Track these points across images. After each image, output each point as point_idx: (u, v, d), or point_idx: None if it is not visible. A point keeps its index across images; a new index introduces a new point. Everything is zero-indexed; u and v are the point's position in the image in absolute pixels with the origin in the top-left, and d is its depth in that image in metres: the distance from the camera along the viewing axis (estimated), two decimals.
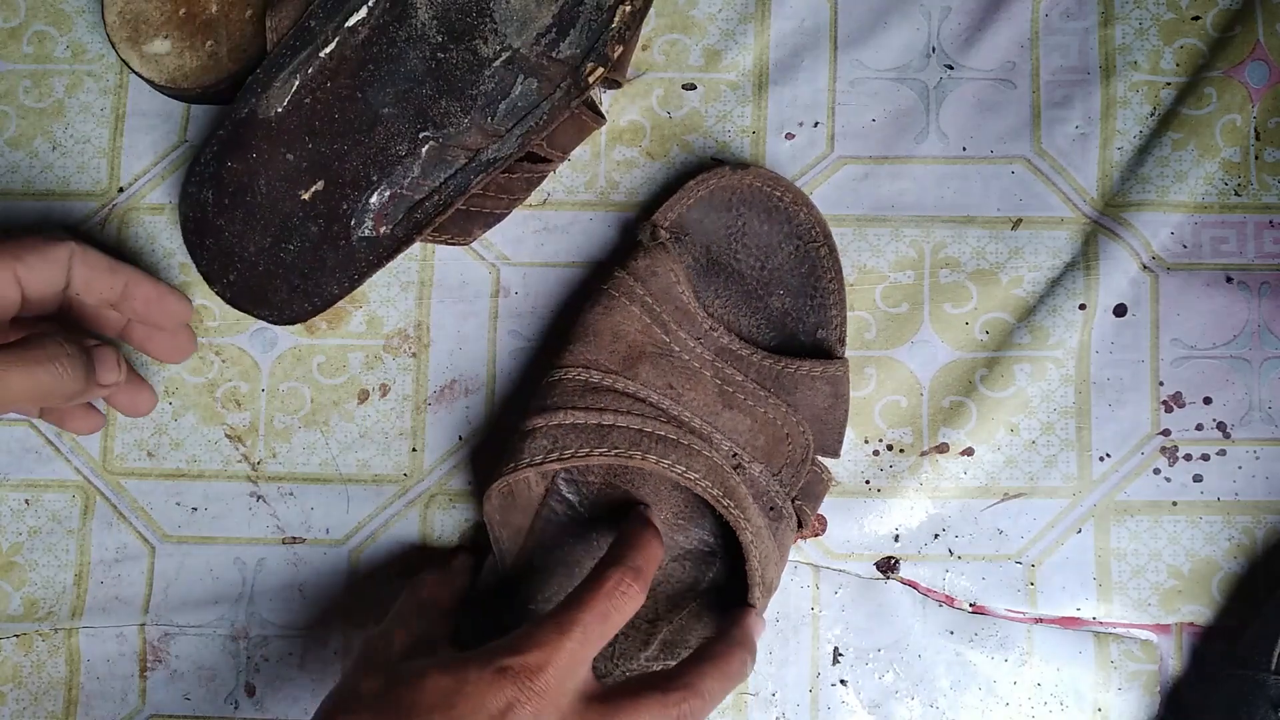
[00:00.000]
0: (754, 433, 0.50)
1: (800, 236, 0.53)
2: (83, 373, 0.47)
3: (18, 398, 0.46)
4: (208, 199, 0.53)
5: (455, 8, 0.50)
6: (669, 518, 0.52)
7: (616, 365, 0.50)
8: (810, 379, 0.51)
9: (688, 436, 0.49)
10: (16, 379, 0.46)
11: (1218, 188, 0.55)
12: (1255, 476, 0.54)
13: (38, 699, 0.55)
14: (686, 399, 0.50)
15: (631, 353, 0.50)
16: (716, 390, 0.50)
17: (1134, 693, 0.53)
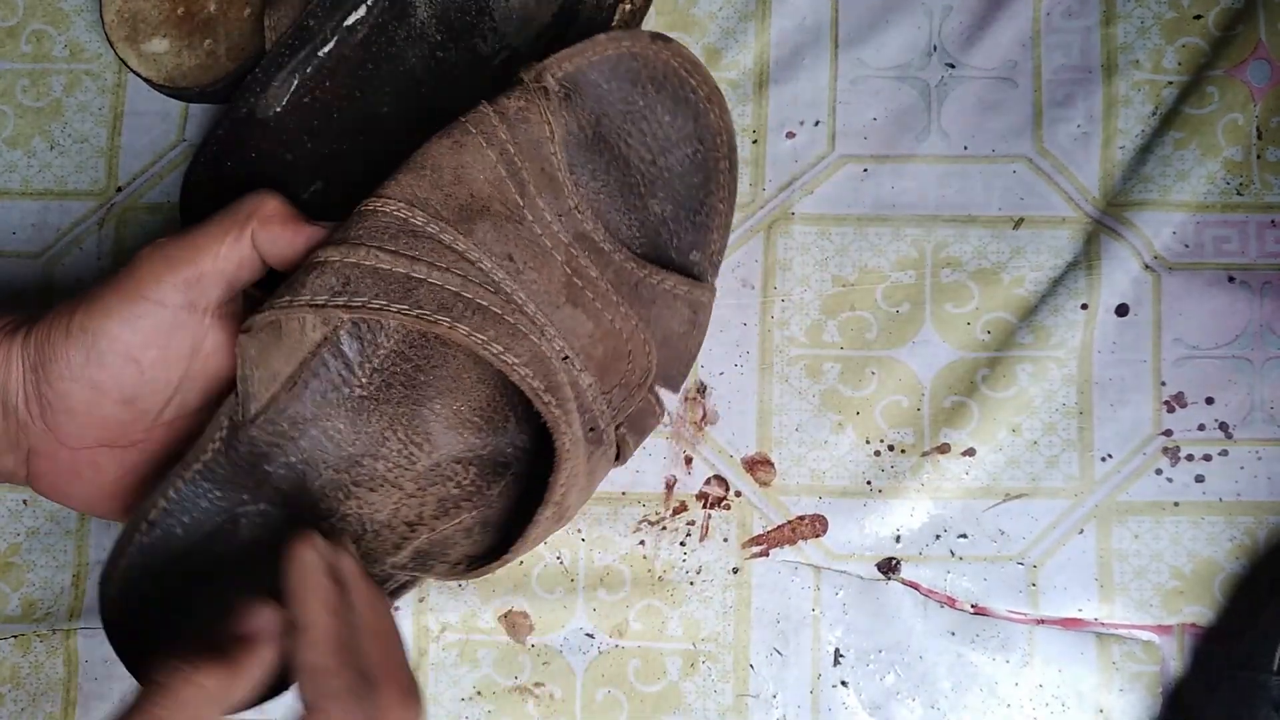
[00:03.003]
0: (594, 340, 0.43)
1: (703, 140, 0.46)
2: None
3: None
4: (207, 199, 0.53)
5: (454, 7, 0.50)
6: (465, 411, 0.45)
7: (450, 214, 0.41)
8: (672, 297, 0.45)
9: (515, 315, 0.41)
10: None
11: (1220, 187, 0.55)
12: (1257, 477, 0.54)
13: (36, 700, 0.55)
14: (526, 278, 0.42)
15: (473, 204, 0.42)
16: (564, 280, 0.42)
17: (1136, 694, 0.53)
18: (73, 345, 0.43)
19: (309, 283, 0.40)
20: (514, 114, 0.42)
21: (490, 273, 0.41)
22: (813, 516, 0.54)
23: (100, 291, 0.44)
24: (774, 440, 0.55)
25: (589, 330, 0.43)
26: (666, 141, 0.46)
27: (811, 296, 0.55)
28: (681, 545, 0.54)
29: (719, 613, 0.54)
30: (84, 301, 0.44)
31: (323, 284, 0.40)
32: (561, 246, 0.43)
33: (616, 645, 0.54)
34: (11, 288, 0.57)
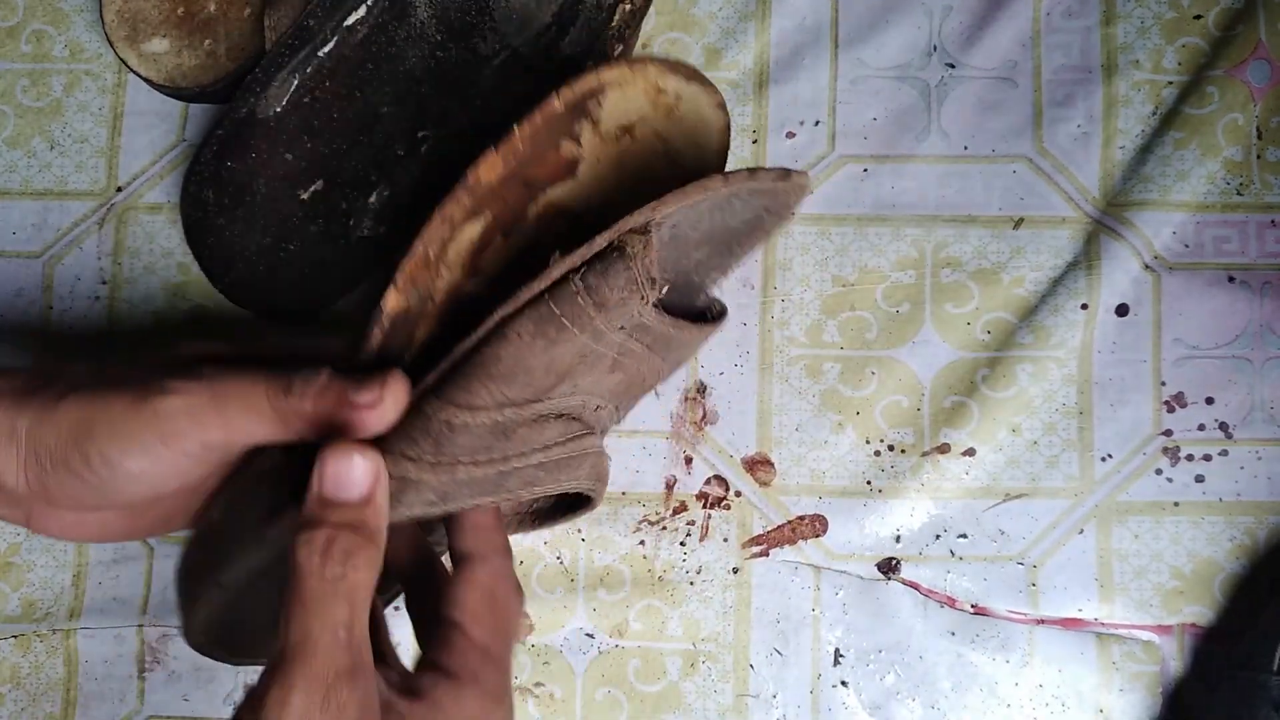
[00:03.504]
0: (621, 384, 0.45)
1: (770, 210, 0.46)
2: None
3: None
4: (208, 199, 0.53)
5: (454, 6, 0.50)
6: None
7: (533, 394, 0.42)
8: (692, 342, 0.47)
9: (572, 434, 0.43)
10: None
11: (1220, 187, 0.55)
12: (1257, 477, 0.54)
13: (36, 700, 0.55)
14: (583, 385, 0.43)
15: (556, 379, 0.42)
16: (610, 363, 0.44)
17: (1136, 694, 0.53)
18: (86, 468, 0.40)
19: (405, 500, 0.41)
20: (614, 303, 0.41)
21: (559, 409, 0.43)
22: (813, 516, 0.54)
23: (124, 420, 0.39)
24: (774, 440, 0.55)
25: (618, 380, 0.45)
26: (735, 216, 0.45)
27: (811, 296, 0.55)
28: (681, 545, 0.54)
29: (719, 613, 0.54)
30: (102, 422, 0.39)
31: (420, 499, 0.41)
32: (615, 345, 0.43)
33: (616, 645, 0.54)
34: (12, 287, 0.57)
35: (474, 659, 0.40)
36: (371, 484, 0.38)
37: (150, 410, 0.39)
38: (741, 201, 0.44)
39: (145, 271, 0.57)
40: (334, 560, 0.36)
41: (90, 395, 0.40)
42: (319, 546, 0.36)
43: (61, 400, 0.40)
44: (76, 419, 0.39)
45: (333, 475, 0.38)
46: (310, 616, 0.36)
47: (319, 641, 0.35)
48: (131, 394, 0.39)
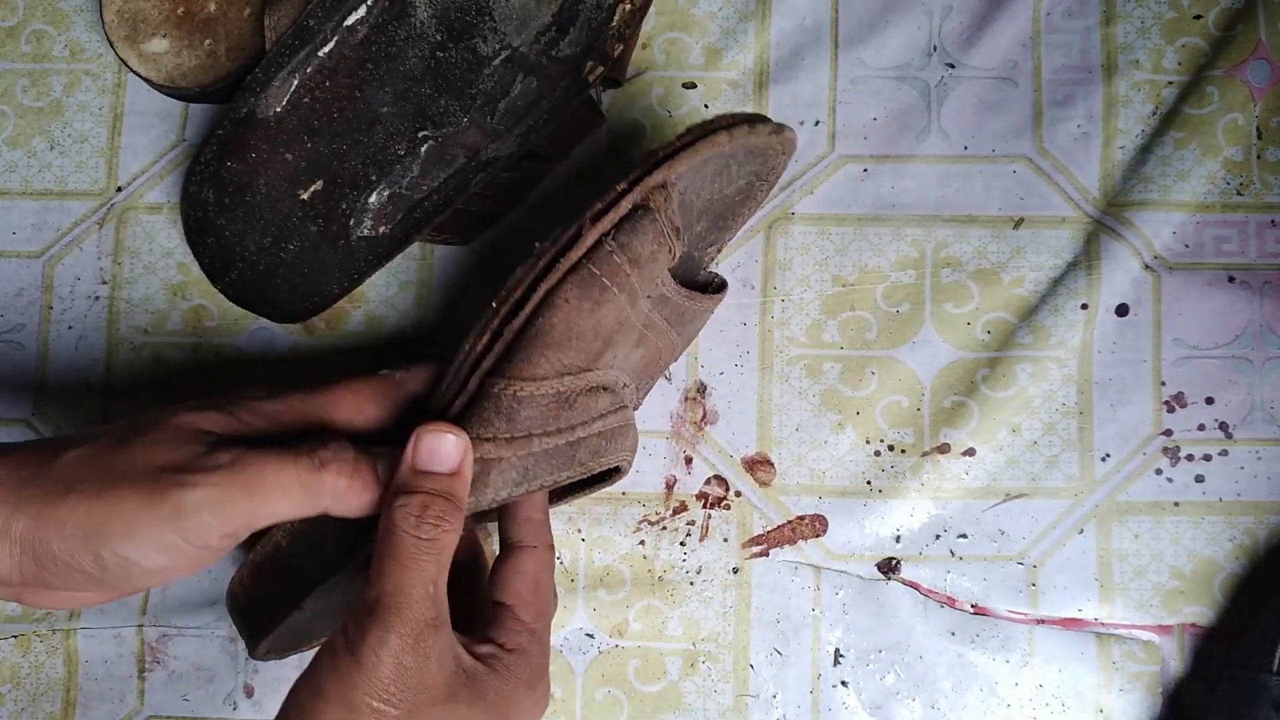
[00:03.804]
0: (642, 362, 0.49)
1: (759, 175, 0.49)
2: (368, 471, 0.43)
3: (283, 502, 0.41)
4: (208, 198, 0.53)
5: (454, 6, 0.50)
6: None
7: (588, 360, 0.45)
8: (702, 313, 0.51)
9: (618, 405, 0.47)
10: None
11: (1220, 187, 0.55)
12: (1257, 477, 0.53)
13: (36, 700, 0.55)
14: (619, 358, 0.47)
15: (604, 342, 0.46)
16: (637, 336, 0.47)
17: (1136, 694, 0.53)
18: (98, 568, 0.39)
19: (492, 481, 0.44)
20: (645, 257, 0.45)
21: (605, 381, 0.46)
22: (813, 516, 0.54)
23: (140, 519, 0.39)
24: (774, 440, 0.55)
25: (642, 356, 0.48)
26: (731, 183, 0.48)
27: (811, 296, 0.55)
28: (681, 545, 0.54)
29: (719, 613, 0.54)
30: (116, 523, 0.39)
31: (505, 480, 0.44)
32: (644, 315, 0.47)
33: (616, 645, 0.54)
34: (12, 287, 0.57)
35: (524, 638, 0.44)
36: (461, 457, 0.42)
37: (170, 507, 0.39)
38: (738, 165, 0.47)
39: (145, 271, 0.57)
40: (427, 523, 0.40)
41: (98, 492, 0.39)
42: (414, 509, 0.40)
43: (65, 498, 0.39)
44: (85, 521, 0.39)
45: (426, 449, 0.42)
46: (405, 571, 0.40)
47: (412, 593, 0.39)
48: (145, 490, 0.39)
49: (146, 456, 0.40)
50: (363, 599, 0.40)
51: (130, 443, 0.41)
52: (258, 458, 0.40)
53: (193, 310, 0.56)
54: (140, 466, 0.40)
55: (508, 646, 0.44)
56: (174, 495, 0.39)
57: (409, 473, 0.42)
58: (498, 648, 0.44)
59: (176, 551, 0.40)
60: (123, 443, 0.41)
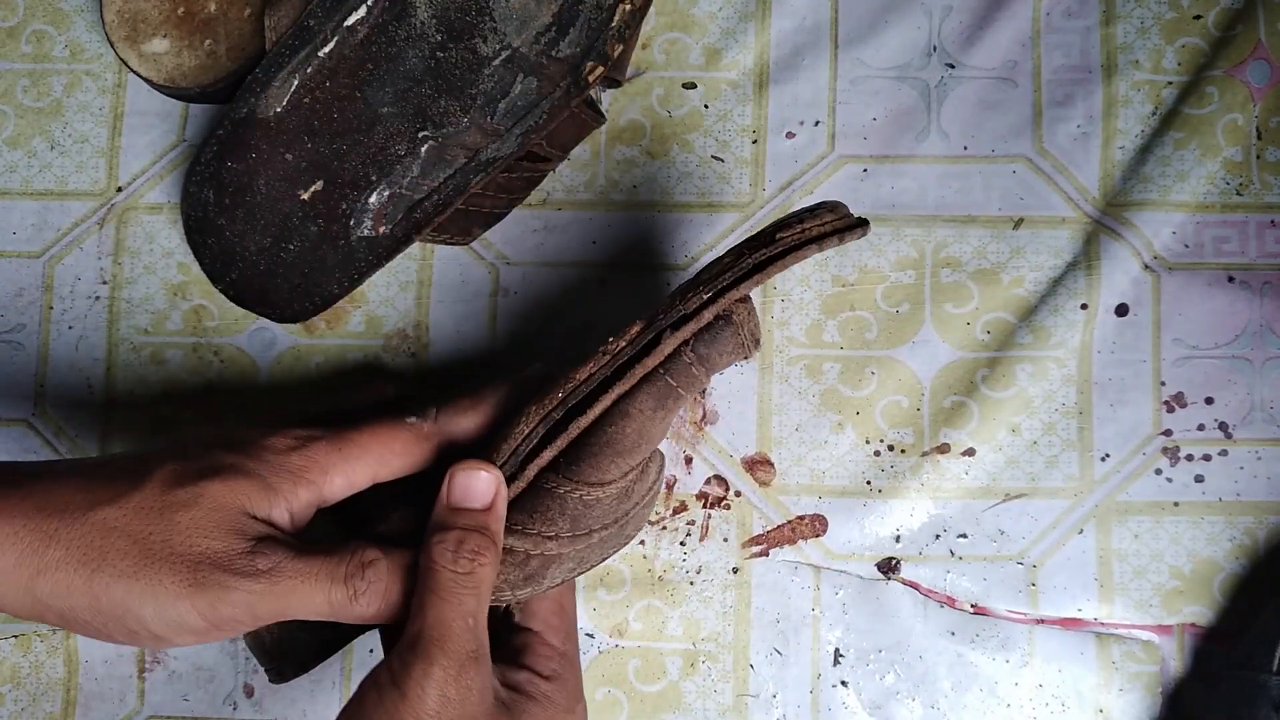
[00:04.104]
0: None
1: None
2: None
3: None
4: (209, 198, 0.53)
5: (454, 7, 0.50)
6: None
7: (648, 454, 0.46)
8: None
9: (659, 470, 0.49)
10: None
11: (1219, 187, 0.55)
12: (1257, 477, 0.54)
13: (36, 700, 0.55)
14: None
15: (666, 433, 0.47)
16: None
17: (1135, 694, 0.53)
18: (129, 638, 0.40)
19: (550, 574, 0.45)
20: (721, 365, 0.45)
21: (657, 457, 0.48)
22: (813, 516, 0.54)
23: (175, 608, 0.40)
24: (774, 440, 0.55)
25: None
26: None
27: (811, 296, 0.55)
28: (681, 545, 0.54)
29: (719, 613, 0.54)
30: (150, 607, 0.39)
31: (562, 571, 0.45)
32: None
33: (616, 645, 0.54)
34: (13, 287, 0.57)
35: (556, 663, 0.46)
36: (494, 494, 0.43)
37: (205, 603, 0.40)
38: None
39: (146, 271, 0.57)
40: (464, 557, 0.41)
41: (134, 573, 0.39)
42: (450, 545, 0.41)
43: (98, 574, 0.39)
44: (121, 600, 0.39)
45: (461, 487, 0.42)
46: (445, 605, 0.40)
47: (453, 627, 0.40)
48: (184, 580, 0.39)
49: (187, 540, 0.40)
50: (406, 633, 0.41)
51: (169, 518, 0.40)
52: (295, 571, 0.41)
53: (193, 310, 0.56)
54: (179, 550, 0.40)
55: (544, 674, 0.45)
56: (211, 592, 0.40)
57: (444, 510, 0.42)
58: (534, 675, 0.45)
59: (206, 634, 0.41)
60: (161, 515, 0.40)
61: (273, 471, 0.43)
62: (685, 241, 0.56)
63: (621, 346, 0.43)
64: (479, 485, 0.42)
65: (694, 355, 0.43)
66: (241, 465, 0.42)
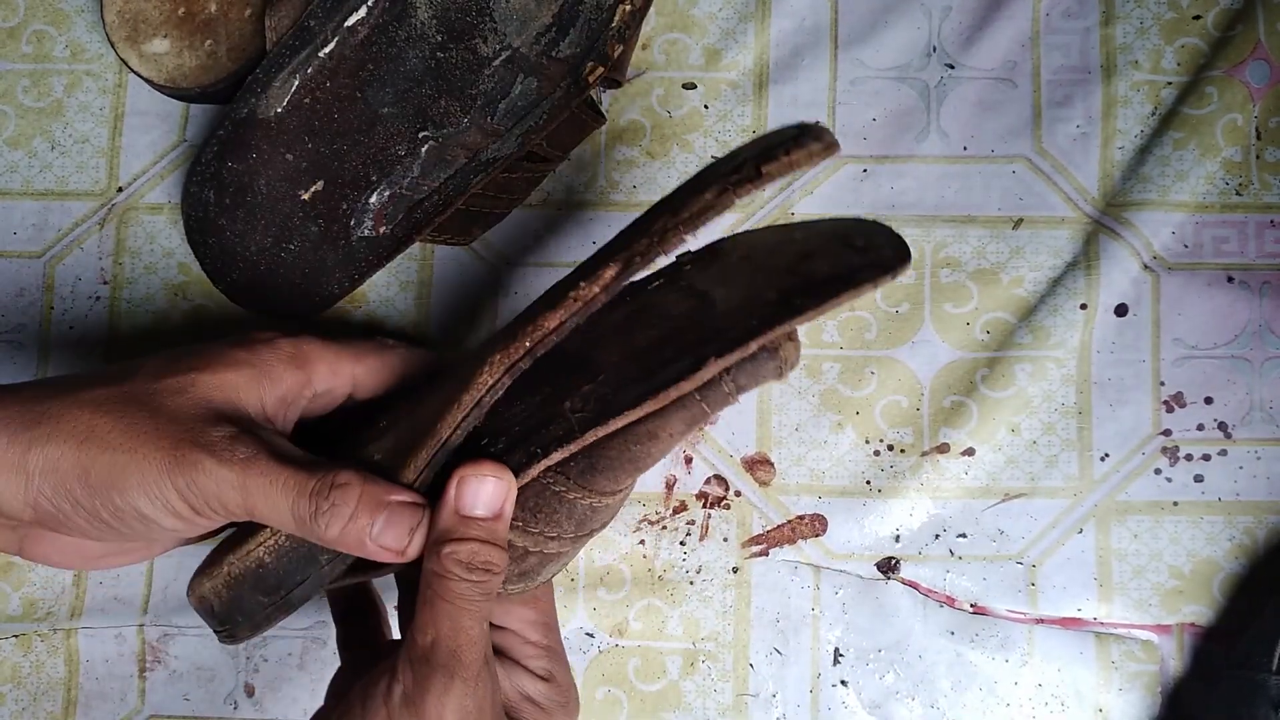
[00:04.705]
0: None
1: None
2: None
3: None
4: (209, 199, 0.53)
5: (455, 7, 0.50)
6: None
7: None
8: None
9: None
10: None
11: (1219, 187, 0.55)
12: (1256, 477, 0.54)
13: (37, 699, 0.55)
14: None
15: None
16: None
17: (1135, 693, 0.53)
18: (115, 517, 0.40)
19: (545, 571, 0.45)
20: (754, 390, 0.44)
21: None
22: (812, 516, 0.54)
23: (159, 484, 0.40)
24: (774, 440, 0.55)
25: None
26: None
27: None
28: (681, 545, 0.55)
29: (719, 612, 0.54)
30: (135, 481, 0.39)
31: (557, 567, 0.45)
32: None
33: (616, 644, 0.54)
34: (13, 287, 0.57)
35: (546, 660, 0.45)
36: (503, 502, 0.41)
37: (184, 481, 0.39)
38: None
39: (146, 272, 0.57)
40: (477, 568, 0.40)
41: (121, 445, 0.39)
42: (464, 558, 0.40)
43: (85, 444, 0.39)
44: (107, 473, 0.39)
45: (470, 494, 0.41)
46: (461, 615, 0.40)
47: (471, 635, 0.40)
48: (167, 455, 0.39)
49: (172, 421, 0.40)
50: (415, 644, 0.40)
51: (157, 401, 0.41)
52: (267, 470, 0.40)
53: (193, 310, 0.57)
54: (164, 430, 0.40)
55: (539, 674, 0.45)
56: (188, 472, 0.39)
57: (453, 517, 0.41)
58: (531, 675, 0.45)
59: (189, 520, 0.40)
60: (150, 399, 0.41)
61: (261, 358, 0.43)
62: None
63: (595, 293, 0.40)
64: (489, 492, 0.41)
65: (733, 385, 0.41)
66: (230, 356, 0.42)
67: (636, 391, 0.40)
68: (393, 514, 0.40)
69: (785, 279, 0.41)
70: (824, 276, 0.40)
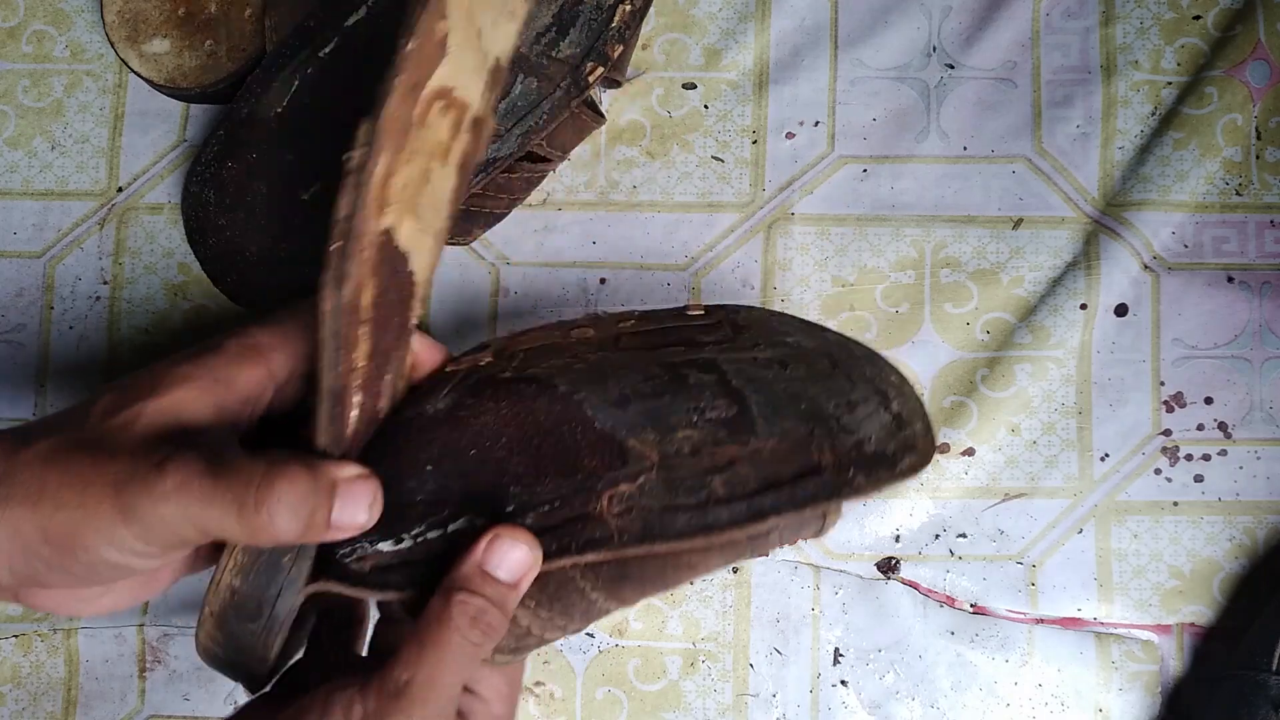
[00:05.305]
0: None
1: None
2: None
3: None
4: (209, 199, 0.53)
5: None
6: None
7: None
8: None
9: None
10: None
11: (1219, 187, 0.55)
12: (1256, 476, 0.54)
13: (37, 699, 0.55)
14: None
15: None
16: None
17: (1135, 693, 0.53)
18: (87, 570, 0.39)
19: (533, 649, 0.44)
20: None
21: None
22: None
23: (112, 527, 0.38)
24: None
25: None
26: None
27: (811, 297, 0.55)
28: None
29: (719, 612, 0.54)
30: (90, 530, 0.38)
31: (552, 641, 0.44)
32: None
33: (616, 644, 0.54)
34: (13, 287, 0.57)
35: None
36: (526, 573, 0.40)
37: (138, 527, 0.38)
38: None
39: (146, 271, 0.57)
40: (479, 629, 0.40)
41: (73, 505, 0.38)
42: (471, 613, 0.39)
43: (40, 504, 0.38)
44: (64, 530, 0.38)
45: (499, 554, 0.40)
46: (444, 667, 0.39)
47: (443, 689, 0.39)
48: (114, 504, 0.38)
49: (116, 464, 0.38)
50: (389, 677, 0.39)
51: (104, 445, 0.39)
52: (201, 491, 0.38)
53: (194, 310, 0.57)
54: (109, 475, 0.38)
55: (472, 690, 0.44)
56: (136, 515, 0.37)
57: (475, 571, 0.40)
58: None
59: (163, 556, 0.39)
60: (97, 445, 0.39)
61: (208, 366, 0.41)
62: (685, 241, 0.56)
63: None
64: (517, 559, 0.40)
65: (780, 538, 0.42)
66: (175, 374, 0.40)
67: (687, 521, 0.39)
68: (344, 493, 0.39)
69: (839, 439, 0.40)
70: (873, 454, 0.40)
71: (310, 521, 0.38)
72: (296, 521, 0.38)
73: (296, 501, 0.38)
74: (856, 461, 0.40)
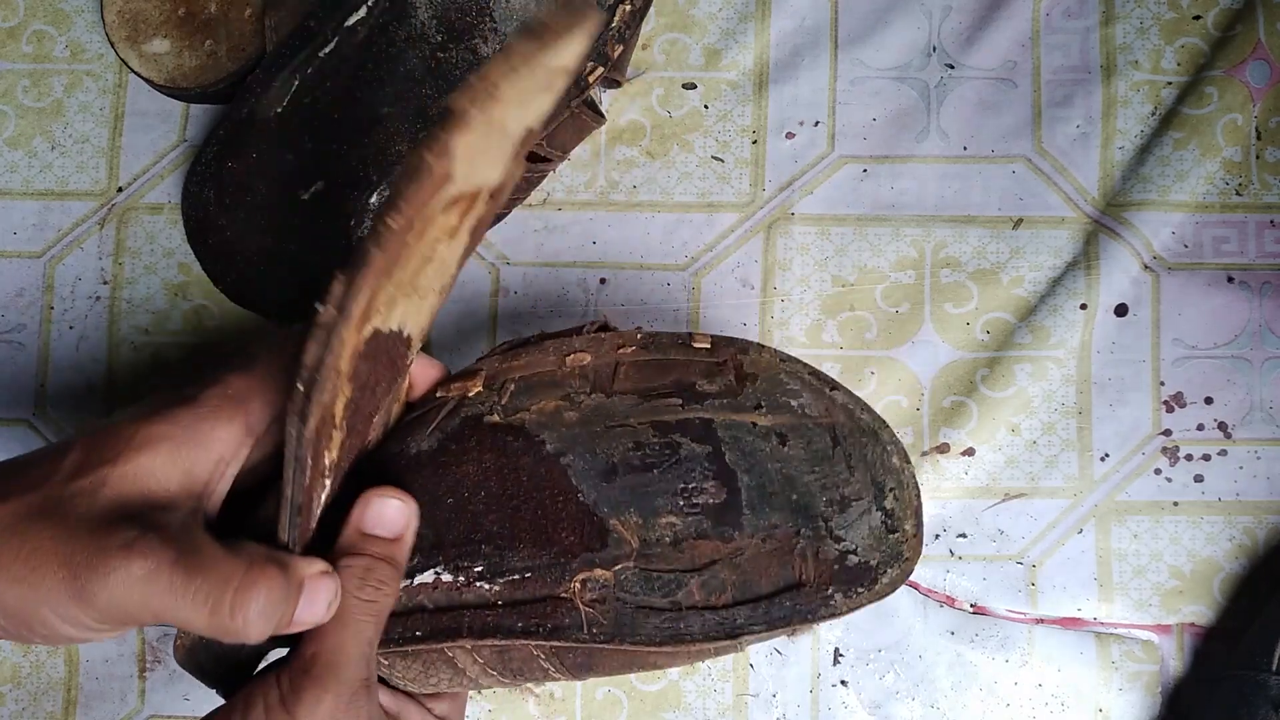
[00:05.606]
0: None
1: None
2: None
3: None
4: (209, 199, 0.53)
5: (455, 7, 0.50)
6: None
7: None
8: None
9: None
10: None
11: (1219, 187, 0.55)
12: (1256, 477, 0.54)
13: (37, 699, 0.55)
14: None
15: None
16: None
17: (1135, 693, 0.53)
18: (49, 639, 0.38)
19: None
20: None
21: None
22: None
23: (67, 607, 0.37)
24: None
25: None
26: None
27: (811, 297, 0.55)
28: None
29: None
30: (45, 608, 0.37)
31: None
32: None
33: None
34: (13, 287, 0.57)
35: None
36: (405, 525, 0.41)
37: (95, 610, 0.37)
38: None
39: (146, 271, 0.57)
40: (371, 586, 0.40)
41: (23, 580, 0.37)
42: (359, 574, 0.40)
43: None
44: (18, 604, 0.37)
45: (375, 514, 0.41)
46: (345, 631, 0.39)
47: (351, 654, 0.39)
48: (68, 584, 0.37)
49: (73, 539, 0.37)
50: (299, 655, 0.40)
51: (62, 514, 0.38)
52: (170, 585, 0.37)
53: (194, 310, 0.57)
54: (65, 551, 0.37)
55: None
56: (90, 596, 0.37)
57: (355, 534, 0.41)
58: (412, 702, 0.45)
59: (115, 631, 0.39)
60: (56, 511, 0.38)
61: (182, 425, 0.39)
62: (685, 241, 0.56)
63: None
64: (391, 513, 0.41)
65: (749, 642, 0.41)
66: (146, 434, 0.39)
67: (658, 626, 0.39)
68: (308, 591, 0.39)
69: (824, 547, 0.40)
70: (855, 567, 0.40)
71: (278, 624, 0.38)
72: (268, 625, 0.38)
73: (271, 608, 0.38)
74: (837, 577, 0.40)
